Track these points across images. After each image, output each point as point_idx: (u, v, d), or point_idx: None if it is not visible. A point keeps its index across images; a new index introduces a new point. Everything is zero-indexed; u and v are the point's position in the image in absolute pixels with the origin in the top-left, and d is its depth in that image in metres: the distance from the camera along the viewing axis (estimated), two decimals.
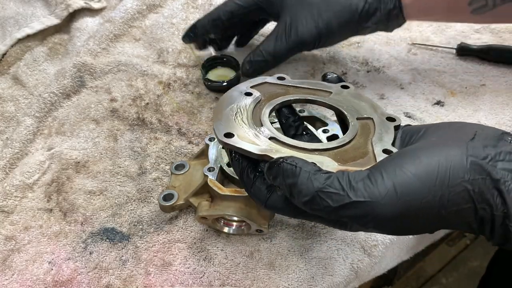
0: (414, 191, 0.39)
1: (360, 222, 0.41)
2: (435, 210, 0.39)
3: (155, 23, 1.02)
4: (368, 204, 0.39)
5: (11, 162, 0.76)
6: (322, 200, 0.40)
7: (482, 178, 0.39)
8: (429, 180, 0.39)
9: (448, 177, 0.39)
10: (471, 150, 0.40)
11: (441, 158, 0.40)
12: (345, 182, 0.40)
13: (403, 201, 0.39)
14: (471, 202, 0.39)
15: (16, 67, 0.96)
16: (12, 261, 0.64)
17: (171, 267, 0.62)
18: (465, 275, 1.55)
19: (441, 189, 0.39)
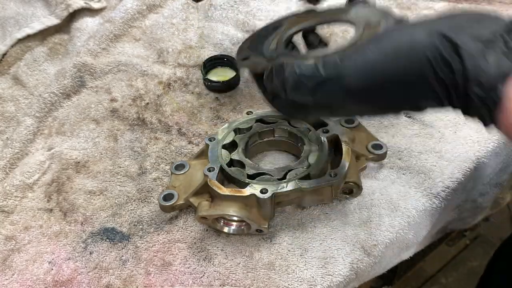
0: (375, 62, 0.43)
1: (337, 96, 0.46)
2: (397, 78, 0.43)
3: (155, 23, 1.03)
4: (337, 78, 0.45)
5: (11, 162, 0.76)
6: (303, 84, 0.47)
7: (442, 45, 0.41)
8: (390, 51, 0.43)
9: (409, 46, 0.42)
10: (437, 23, 0.43)
11: (404, 32, 0.44)
12: (321, 65, 0.46)
13: (365, 72, 0.44)
14: (432, 68, 0.41)
15: (16, 67, 0.96)
16: (12, 261, 0.64)
17: (171, 267, 0.62)
18: (465, 275, 1.55)
19: (401, 59, 0.42)
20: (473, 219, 0.85)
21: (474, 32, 0.41)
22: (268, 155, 0.75)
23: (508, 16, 0.43)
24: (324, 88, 0.46)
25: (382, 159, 0.71)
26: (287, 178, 0.63)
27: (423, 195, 0.68)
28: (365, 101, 0.46)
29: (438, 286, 1.54)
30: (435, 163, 0.71)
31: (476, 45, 0.40)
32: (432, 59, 0.41)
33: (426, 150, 0.73)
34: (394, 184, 0.69)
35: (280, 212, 0.67)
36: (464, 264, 1.58)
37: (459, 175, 0.70)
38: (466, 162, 0.71)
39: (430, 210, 0.68)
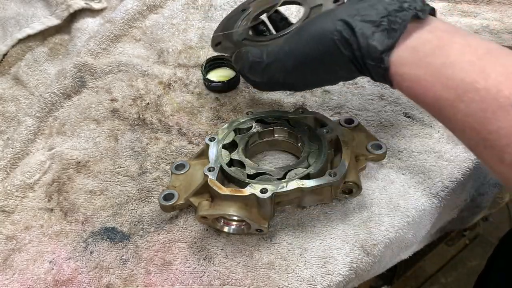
0: (298, 48, 0.57)
1: (278, 75, 0.61)
2: (317, 58, 0.56)
3: (155, 23, 1.03)
4: (276, 63, 0.60)
5: (12, 162, 0.76)
6: (254, 69, 0.62)
7: (344, 29, 0.52)
8: (308, 39, 0.56)
9: (319, 33, 0.55)
10: (344, 10, 0.54)
11: (317, 23, 0.56)
12: (266, 52, 0.61)
13: (293, 55, 0.58)
14: (338, 48, 0.53)
15: (17, 67, 0.96)
16: (13, 261, 0.64)
17: (172, 267, 0.62)
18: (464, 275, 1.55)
19: (316, 44, 0.55)
20: (472, 218, 0.86)
21: (366, 17, 0.51)
22: (268, 155, 0.75)
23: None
24: (268, 70, 0.61)
25: (382, 159, 0.71)
26: (287, 178, 0.63)
27: (422, 195, 0.68)
28: (301, 76, 0.60)
29: (437, 285, 1.54)
30: (435, 163, 0.71)
31: (366, 26, 0.51)
32: (337, 40, 0.53)
33: (426, 150, 0.73)
34: (394, 184, 0.70)
35: (280, 212, 0.67)
36: (463, 263, 1.59)
37: (459, 175, 0.70)
38: (465, 162, 0.71)
39: (429, 209, 0.68)
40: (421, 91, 0.50)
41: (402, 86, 0.52)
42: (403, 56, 0.50)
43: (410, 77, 0.50)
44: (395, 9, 0.50)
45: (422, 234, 0.72)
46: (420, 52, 0.49)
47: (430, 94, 0.49)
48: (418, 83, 0.50)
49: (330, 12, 0.56)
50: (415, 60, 0.49)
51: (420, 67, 0.49)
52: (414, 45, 0.50)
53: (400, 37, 0.50)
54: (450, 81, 0.47)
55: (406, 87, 0.52)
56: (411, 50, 0.50)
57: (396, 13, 0.50)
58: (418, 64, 0.49)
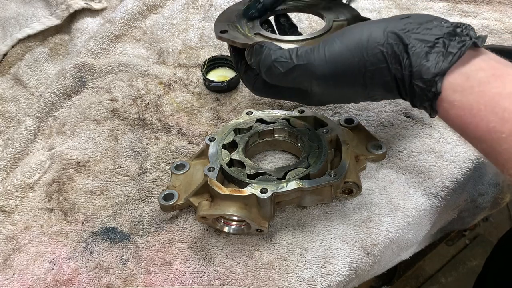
0: (339, 54, 0.51)
1: (305, 81, 0.53)
2: (357, 69, 0.50)
3: (155, 23, 1.03)
4: (306, 66, 0.52)
5: (12, 162, 0.76)
6: (276, 68, 0.53)
7: (395, 43, 0.48)
8: (350, 45, 0.50)
9: (367, 42, 0.50)
10: (393, 23, 0.50)
11: (364, 29, 0.51)
12: (294, 53, 0.53)
13: (331, 61, 0.51)
14: (385, 62, 0.49)
15: (17, 67, 0.96)
16: (13, 261, 0.64)
17: (172, 267, 0.62)
18: (464, 275, 1.56)
19: (360, 52, 0.50)
20: (472, 219, 0.86)
21: (421, 36, 0.48)
22: (268, 155, 0.75)
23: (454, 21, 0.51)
24: (294, 73, 0.53)
25: (382, 159, 0.71)
26: (287, 178, 0.63)
27: (422, 195, 0.68)
28: (328, 86, 0.53)
29: (437, 285, 1.54)
30: (435, 163, 0.71)
31: (421, 46, 0.47)
32: (386, 54, 0.49)
33: (426, 150, 0.73)
34: (394, 184, 0.69)
35: (280, 212, 0.67)
36: (463, 263, 1.59)
37: (459, 175, 0.70)
38: (465, 162, 0.71)
39: (429, 210, 0.68)
40: (472, 120, 0.47)
41: (449, 114, 0.48)
42: (455, 82, 0.47)
43: (461, 104, 0.47)
44: (449, 32, 0.48)
45: (422, 234, 0.72)
46: (473, 80, 0.46)
47: (482, 125, 0.46)
48: (469, 111, 0.46)
49: (377, 22, 0.51)
50: (468, 87, 0.46)
51: (472, 95, 0.46)
52: (467, 71, 0.47)
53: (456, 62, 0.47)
54: (506, 113, 0.44)
55: (454, 115, 0.48)
56: (464, 76, 0.47)
57: (450, 37, 0.47)
58: (471, 91, 0.46)
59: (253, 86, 0.61)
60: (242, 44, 0.58)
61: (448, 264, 1.59)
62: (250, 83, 0.62)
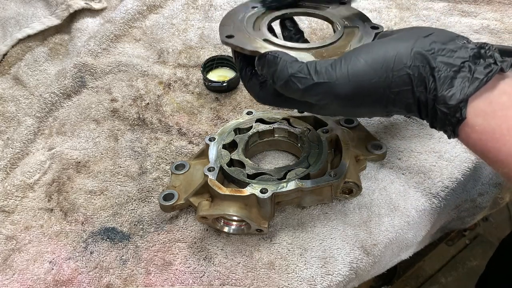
0: (363, 73, 0.48)
1: (323, 100, 0.50)
2: (381, 90, 0.48)
3: (155, 23, 1.03)
4: (328, 85, 0.49)
5: (12, 162, 0.76)
6: (294, 84, 0.50)
7: (422, 66, 0.47)
8: (376, 65, 0.48)
9: (393, 63, 0.48)
10: (419, 43, 0.48)
11: (389, 48, 0.49)
12: (312, 68, 0.49)
13: (354, 81, 0.48)
14: (411, 84, 0.47)
15: (17, 67, 0.96)
16: (13, 261, 0.64)
17: (172, 267, 0.62)
18: (464, 275, 1.55)
19: (386, 72, 0.48)
20: (472, 218, 0.86)
21: (446, 59, 0.47)
22: (268, 155, 0.75)
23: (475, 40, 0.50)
24: (313, 91, 0.49)
25: (382, 159, 0.71)
26: (287, 178, 0.63)
27: (422, 195, 0.68)
28: (348, 105, 0.51)
29: (437, 285, 1.54)
30: (435, 163, 0.71)
31: (447, 71, 0.46)
32: (412, 76, 0.47)
33: (426, 150, 0.73)
34: (394, 184, 0.69)
35: (280, 212, 0.67)
36: (463, 263, 1.59)
37: (459, 175, 0.70)
38: (465, 162, 0.71)
39: (429, 210, 0.68)
40: (494, 145, 0.46)
41: (470, 138, 0.47)
42: (478, 107, 0.46)
43: (483, 129, 0.46)
44: (474, 54, 0.47)
45: (422, 234, 0.72)
46: (496, 104, 0.46)
47: (505, 149, 0.45)
48: (491, 135, 0.46)
49: (402, 41, 0.49)
50: (490, 111, 0.46)
51: (495, 119, 0.46)
52: (490, 96, 0.46)
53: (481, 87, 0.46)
54: None
55: (476, 139, 0.47)
56: (487, 101, 0.46)
57: (475, 59, 0.46)
58: (493, 116, 0.46)
59: (258, 95, 0.58)
60: (251, 51, 0.55)
61: (448, 264, 1.59)
62: (255, 92, 0.58)
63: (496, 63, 0.46)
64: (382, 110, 0.51)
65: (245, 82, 0.60)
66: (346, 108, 0.52)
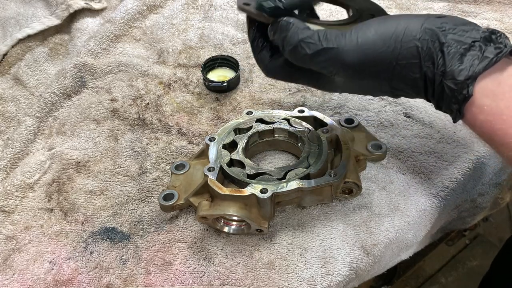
0: (372, 42, 0.49)
1: (330, 67, 0.51)
2: (388, 60, 0.49)
3: (155, 23, 1.03)
4: (335, 50, 0.49)
5: (12, 162, 0.76)
6: (302, 49, 0.50)
7: (431, 40, 0.47)
8: (386, 35, 0.49)
9: (402, 34, 0.48)
10: (430, 20, 0.48)
11: (401, 21, 0.49)
12: (322, 35, 0.50)
13: (363, 49, 0.49)
14: (419, 58, 0.48)
15: (17, 67, 0.96)
16: (13, 261, 0.64)
17: (172, 267, 0.62)
18: (464, 275, 1.55)
19: (394, 43, 0.48)
20: (472, 219, 0.86)
21: (457, 37, 0.47)
22: (268, 155, 0.75)
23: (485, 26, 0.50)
24: (321, 57, 0.50)
25: (382, 159, 0.71)
26: (287, 178, 0.63)
27: (422, 195, 0.68)
28: (354, 76, 0.51)
29: (437, 285, 1.54)
30: (435, 163, 0.71)
31: (457, 47, 0.46)
32: (420, 49, 0.47)
33: (426, 151, 0.73)
34: (394, 184, 0.69)
35: (280, 212, 0.67)
36: (463, 263, 1.59)
37: (459, 175, 0.70)
38: (465, 162, 0.71)
39: (429, 210, 0.68)
40: (501, 126, 0.46)
41: (476, 119, 0.47)
42: (486, 87, 0.46)
43: (491, 110, 0.46)
44: (485, 37, 0.47)
45: (422, 234, 0.72)
46: (505, 85, 0.46)
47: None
48: (499, 117, 0.46)
49: (414, 17, 0.50)
50: (499, 93, 0.45)
51: (504, 101, 0.45)
52: (499, 77, 0.46)
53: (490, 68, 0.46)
54: None
55: (483, 120, 0.47)
56: (496, 82, 0.46)
57: (486, 42, 0.46)
58: (502, 97, 0.45)
59: (266, 66, 0.58)
60: (267, 18, 0.54)
61: (448, 264, 1.59)
62: (264, 63, 0.58)
63: (506, 47, 0.46)
64: (387, 84, 0.51)
65: (255, 54, 0.59)
66: (352, 79, 0.52)
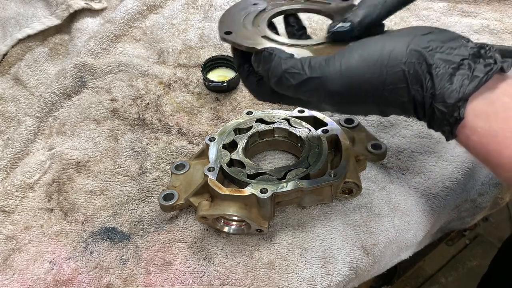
0: (356, 69, 0.47)
1: (316, 95, 0.50)
2: (375, 86, 0.47)
3: (155, 23, 1.03)
4: (320, 79, 0.48)
5: (12, 162, 0.76)
6: (287, 80, 0.50)
7: (418, 63, 0.45)
8: (371, 61, 0.47)
9: (388, 59, 0.46)
10: (416, 40, 0.46)
11: (385, 44, 0.47)
12: (306, 64, 0.49)
13: (347, 76, 0.47)
14: (406, 82, 0.46)
15: (17, 67, 0.96)
16: (13, 261, 0.64)
17: (172, 267, 0.62)
18: (464, 275, 1.55)
19: (380, 69, 0.46)
20: (472, 218, 0.86)
21: (445, 56, 0.45)
22: (268, 155, 0.75)
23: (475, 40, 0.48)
24: (306, 86, 0.49)
25: (382, 159, 0.71)
26: (287, 178, 0.63)
27: (422, 195, 0.68)
28: (341, 102, 0.50)
29: (437, 285, 1.54)
30: (435, 163, 0.71)
31: (445, 67, 0.44)
32: (407, 73, 0.45)
33: (426, 151, 0.73)
34: (394, 184, 0.70)
35: (280, 212, 0.67)
36: (463, 263, 1.59)
37: (459, 175, 0.70)
38: (465, 162, 0.71)
39: (429, 210, 0.68)
40: (496, 147, 0.44)
41: (469, 140, 0.46)
42: (478, 108, 0.44)
43: (485, 131, 0.44)
44: (474, 53, 0.45)
45: (422, 234, 0.72)
46: (498, 105, 0.44)
47: (507, 152, 0.43)
48: (493, 138, 0.44)
49: (398, 37, 0.48)
50: (492, 113, 0.44)
51: (497, 122, 0.44)
52: (491, 96, 0.44)
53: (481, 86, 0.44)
54: None
55: (476, 141, 0.45)
56: (488, 101, 0.44)
57: (475, 58, 0.45)
58: (495, 118, 0.44)
59: (255, 91, 0.58)
60: (247, 48, 0.55)
61: (448, 264, 1.59)
62: (253, 88, 0.59)
63: (496, 63, 0.44)
64: (375, 109, 0.50)
65: (243, 79, 0.60)
66: (339, 105, 0.52)
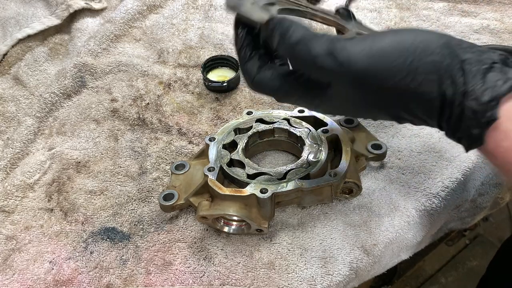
0: (386, 51, 0.43)
1: (336, 72, 0.44)
2: (403, 74, 0.43)
3: (155, 23, 1.03)
4: (345, 53, 0.43)
5: (12, 162, 0.76)
6: (305, 46, 0.44)
7: (451, 56, 0.42)
8: (402, 46, 0.43)
9: (421, 47, 0.43)
10: (448, 36, 0.44)
11: (418, 34, 0.44)
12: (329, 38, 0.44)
13: (375, 57, 0.43)
14: (437, 73, 0.42)
15: (17, 67, 0.96)
16: (13, 261, 0.64)
17: (172, 267, 0.62)
18: (464, 275, 1.55)
19: (412, 55, 0.43)
20: (472, 218, 0.86)
21: (477, 57, 0.42)
22: (268, 155, 0.75)
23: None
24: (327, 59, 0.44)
25: (382, 159, 0.71)
26: (287, 178, 0.63)
27: (422, 195, 0.68)
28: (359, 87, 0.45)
29: (437, 285, 1.54)
30: (435, 163, 0.71)
31: (478, 66, 0.42)
32: (440, 64, 0.42)
33: (426, 150, 0.73)
34: (394, 184, 0.70)
35: (280, 212, 0.67)
36: (463, 263, 1.59)
37: (459, 175, 0.70)
38: (465, 162, 0.71)
39: (429, 210, 0.68)
40: None
41: (499, 146, 0.42)
42: (510, 110, 0.41)
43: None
44: (502, 59, 0.43)
45: (422, 234, 0.72)
46: None
47: None
48: None
49: (429, 30, 0.46)
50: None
51: None
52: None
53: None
54: None
55: (506, 148, 0.42)
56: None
57: (505, 63, 0.43)
58: None
59: (253, 78, 0.51)
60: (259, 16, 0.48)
61: (448, 264, 1.59)
62: (251, 74, 0.51)
63: None
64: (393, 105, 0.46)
65: (242, 63, 0.52)
66: (353, 93, 0.46)
